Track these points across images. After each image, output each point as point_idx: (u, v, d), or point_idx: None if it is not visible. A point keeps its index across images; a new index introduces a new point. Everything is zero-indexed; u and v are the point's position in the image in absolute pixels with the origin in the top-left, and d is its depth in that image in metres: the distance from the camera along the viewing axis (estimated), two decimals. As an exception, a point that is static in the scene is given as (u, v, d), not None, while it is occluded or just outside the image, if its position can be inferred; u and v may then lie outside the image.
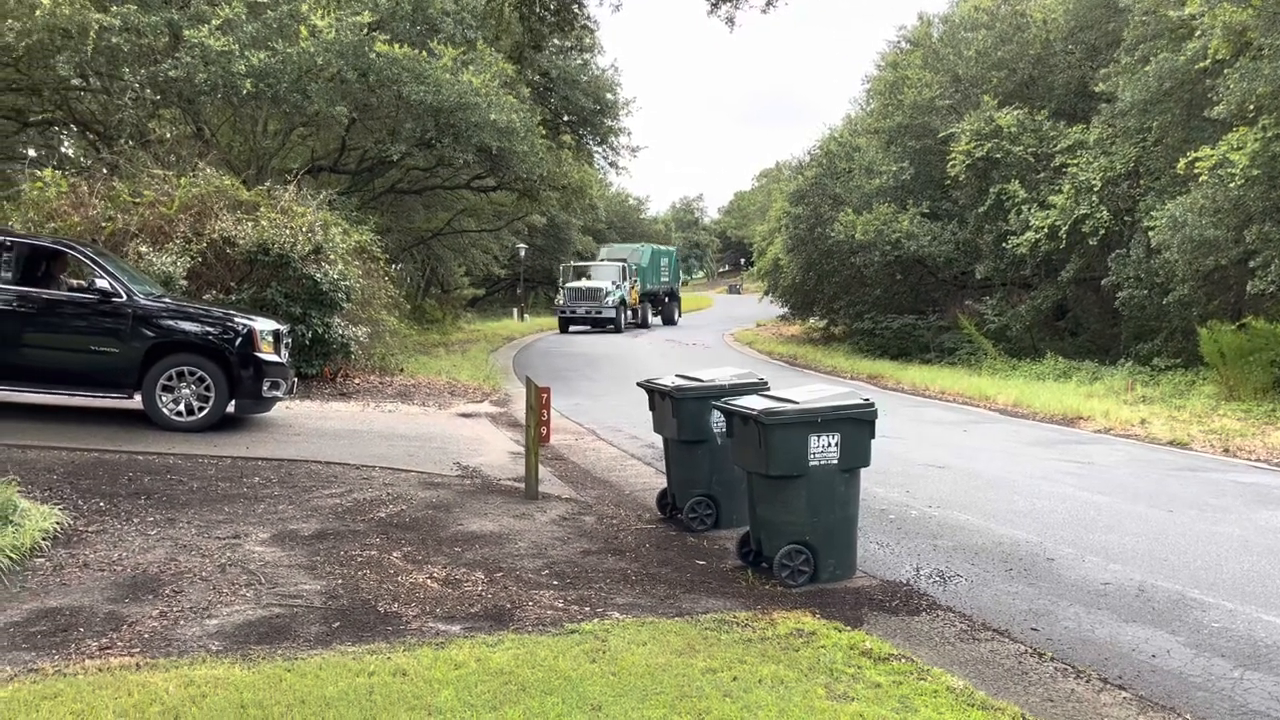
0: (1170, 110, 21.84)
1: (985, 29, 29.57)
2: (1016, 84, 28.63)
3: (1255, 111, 18.28)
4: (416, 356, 20.70)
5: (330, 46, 17.29)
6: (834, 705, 4.45)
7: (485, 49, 20.74)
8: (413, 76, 18.36)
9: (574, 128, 29.50)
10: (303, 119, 19.63)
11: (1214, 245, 18.87)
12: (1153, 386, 19.30)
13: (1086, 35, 27.29)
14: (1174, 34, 21.48)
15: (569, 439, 12.51)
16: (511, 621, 5.50)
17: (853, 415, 6.61)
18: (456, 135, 19.84)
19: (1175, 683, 5.00)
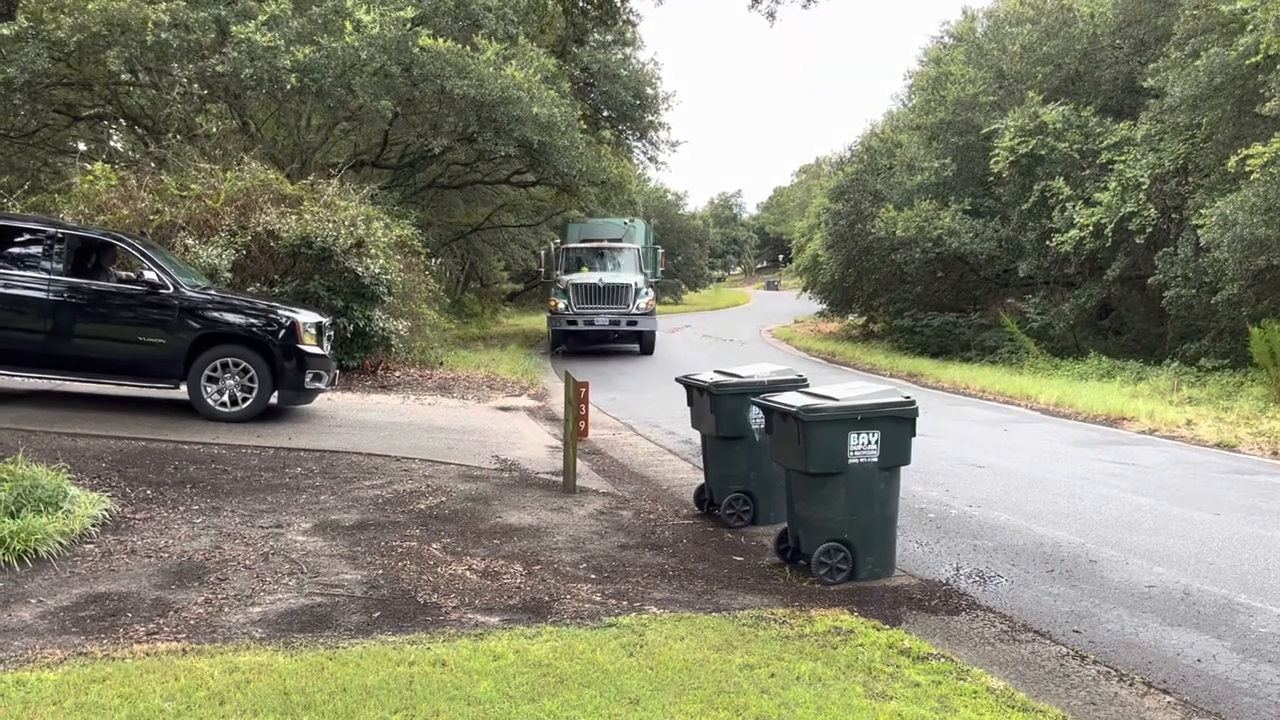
0: (1221, 106, 21.42)
1: (1030, 24, 29.19)
2: (1062, 79, 28.23)
3: (1309, 107, 17.88)
4: (456, 350, 20.84)
5: (374, 41, 17.42)
6: (872, 704, 4.43)
7: (527, 43, 20.79)
8: (455, 71, 18.44)
9: (614, 122, 29.50)
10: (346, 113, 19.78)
11: (1265, 244, 18.49)
12: (1199, 387, 18.97)
13: (1135, 29, 26.85)
14: (1225, 28, 21.06)
15: (606, 434, 12.54)
16: (549, 614, 5.53)
17: (893, 413, 6.57)
18: (498, 129, 19.90)
19: (1221, 688, 4.91)
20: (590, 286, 24.19)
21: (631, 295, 24.16)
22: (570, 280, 24.46)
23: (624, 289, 24.20)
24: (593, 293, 24.16)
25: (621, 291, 24.19)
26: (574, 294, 24.17)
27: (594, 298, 24.07)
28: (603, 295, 24.12)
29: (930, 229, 28.11)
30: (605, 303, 24.02)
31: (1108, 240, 23.19)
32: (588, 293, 24.18)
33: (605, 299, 24.09)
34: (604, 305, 24.00)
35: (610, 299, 24.10)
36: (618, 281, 24.33)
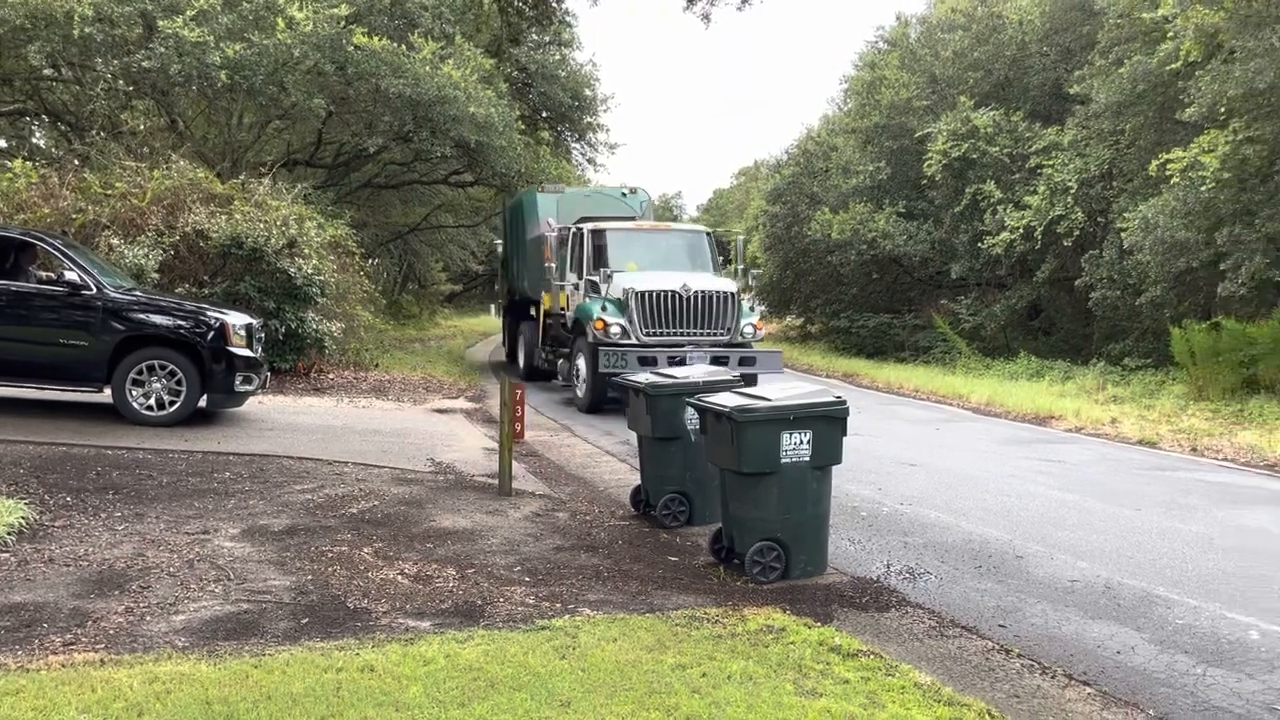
0: (1143, 112, 22.04)
1: (962, 30, 29.75)
2: (993, 85, 28.81)
3: (1226, 114, 18.47)
4: (392, 352, 20.62)
5: (307, 39, 17.17)
6: (802, 701, 4.47)
7: (464, 43, 20.65)
8: (391, 70, 18.26)
9: (552, 123, 29.41)
10: (279, 112, 19.49)
11: (1185, 247, 19.06)
12: (1123, 386, 19.48)
13: (1062, 37, 27.50)
14: (1147, 36, 21.67)
15: (544, 435, 12.50)
16: (482, 618, 5.49)
17: (825, 413, 6.64)
18: (434, 129, 19.76)
19: (1139, 679, 5.05)
20: (667, 297, 14.40)
21: (732, 312, 14.59)
22: (629, 286, 14.46)
23: (721, 302, 14.55)
24: (672, 307, 14.39)
25: (718, 306, 14.55)
26: (640, 308, 14.33)
27: (674, 316, 14.41)
28: (690, 312, 14.44)
29: (865, 231, 28.51)
30: (694, 325, 14.47)
31: (1037, 243, 23.72)
32: (663, 307, 14.39)
33: (694, 318, 14.49)
34: (693, 329, 14.46)
35: (702, 318, 14.50)
36: (710, 288, 14.59)
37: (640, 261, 15.45)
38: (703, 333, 14.53)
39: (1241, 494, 9.96)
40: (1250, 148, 17.92)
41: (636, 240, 16.12)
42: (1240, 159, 17.94)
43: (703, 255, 16.32)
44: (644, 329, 14.36)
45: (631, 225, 16.72)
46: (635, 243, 16.01)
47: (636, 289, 14.49)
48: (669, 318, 14.46)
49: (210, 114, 20.99)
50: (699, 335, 14.50)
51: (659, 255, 15.92)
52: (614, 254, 15.59)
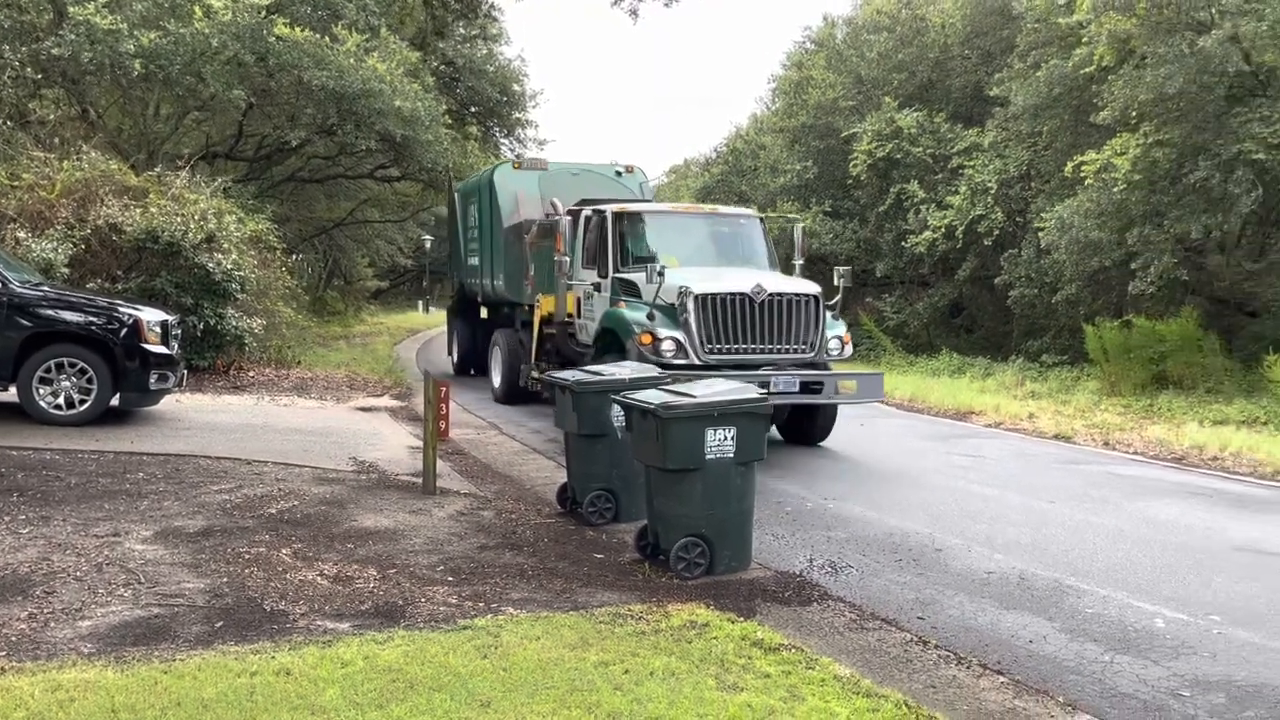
0: (1060, 115, 22.64)
1: (887, 32, 30.24)
2: (916, 86, 29.34)
3: (1137, 118, 19.07)
4: (315, 349, 20.26)
5: (226, 28, 16.77)
6: (723, 696, 4.49)
7: (389, 35, 20.35)
8: (314, 61, 17.91)
9: (480, 119, 29.16)
10: (197, 103, 19.00)
11: (1098, 247, 19.64)
12: (1041, 382, 20.00)
13: (982, 41, 28.12)
14: (1063, 41, 22.26)
15: (471, 433, 12.39)
16: (403, 618, 5.42)
17: (748, 409, 6.69)
18: (359, 122, 19.44)
19: (1050, 667, 5.18)
20: (736, 302, 10.84)
21: (816, 321, 11.16)
22: (685, 287, 10.84)
23: (803, 309, 11.09)
24: (742, 316, 10.86)
25: (800, 314, 11.07)
26: (702, 318, 10.79)
27: (745, 327, 10.87)
28: (764, 322, 10.92)
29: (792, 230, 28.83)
30: (769, 339, 10.95)
31: (959, 242, 24.24)
32: (731, 315, 10.84)
33: (769, 330, 10.94)
34: (768, 344, 10.96)
35: (779, 330, 10.98)
36: (790, 291, 11.14)
37: (681, 255, 11.71)
38: (780, 348, 10.85)
39: (1150, 486, 10.28)
40: (1160, 151, 18.53)
41: (675, 227, 12.66)
42: (1150, 161, 18.54)
43: (757, 247, 12.76)
44: (706, 344, 10.63)
45: (668, 208, 13.75)
46: (673, 231, 12.56)
47: (695, 291, 10.61)
48: (738, 330, 10.71)
49: (125, 104, 20.39)
50: (775, 352, 10.86)
51: (703, 247, 12.36)
52: (648, 244, 12.06)
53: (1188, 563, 7.19)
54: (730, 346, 10.86)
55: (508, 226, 15.44)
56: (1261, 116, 17.43)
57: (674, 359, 10.46)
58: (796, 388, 10.72)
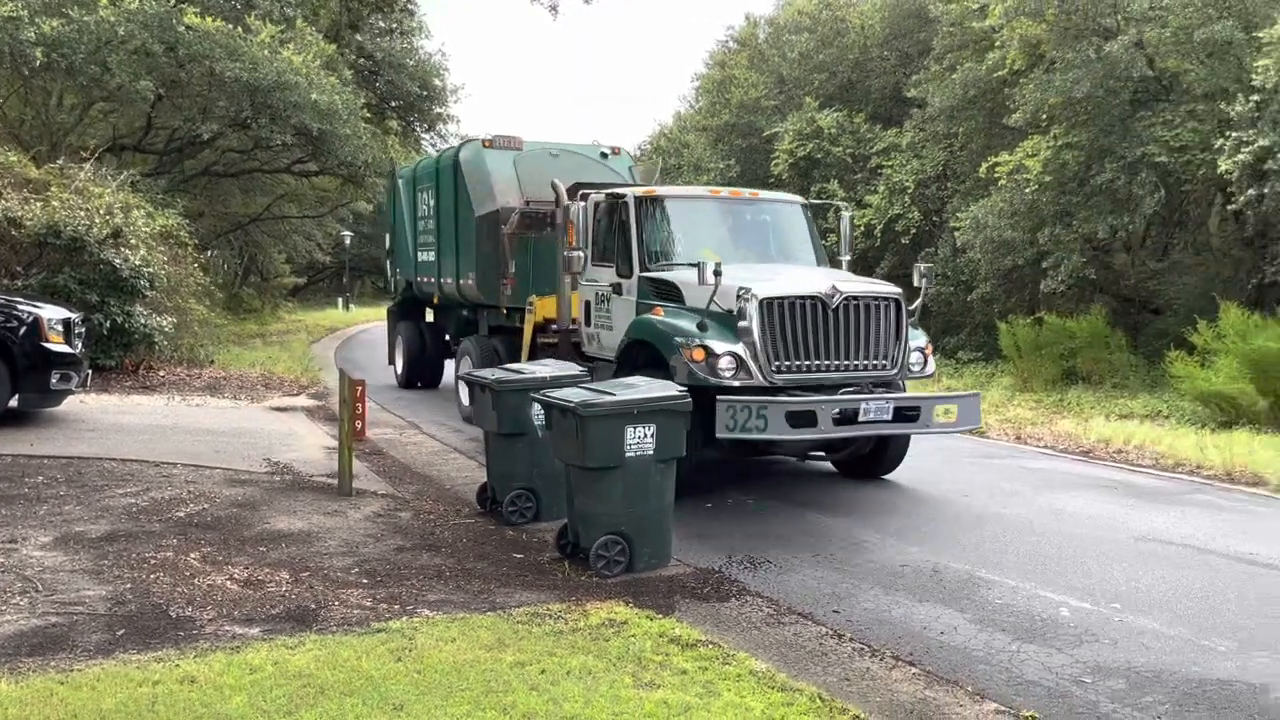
0: (974, 117, 23.17)
1: (808, 32, 30.58)
2: (837, 87, 29.74)
3: (1047, 121, 19.63)
4: (230, 348, 19.76)
5: (133, 16, 16.27)
6: (639, 693, 4.49)
7: (305, 27, 19.94)
8: (226, 52, 17.48)
9: (401, 113, 28.74)
10: (103, 93, 18.38)
11: (1011, 246, 20.15)
12: (958, 379, 20.45)
13: (900, 43, 28.61)
14: (977, 45, 22.79)
15: (390, 433, 12.20)
16: (315, 622, 5.31)
17: (668, 407, 6.71)
18: (274, 115, 19.00)
19: (960, 657, 5.29)
20: (807, 308, 8.68)
21: (898, 330, 9.09)
22: (747, 289, 8.54)
23: (882, 314, 9.01)
24: (814, 324, 8.71)
25: (880, 321, 9.00)
26: (769, 327, 8.56)
27: (818, 338, 8.71)
28: (839, 331, 8.78)
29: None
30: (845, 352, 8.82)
31: (877, 240, 24.66)
32: (803, 324, 8.67)
33: (845, 342, 8.81)
34: (844, 359, 8.83)
35: (856, 341, 8.86)
36: (868, 293, 9.10)
37: (718, 249, 9.66)
38: (856, 364, 8.77)
39: (1058, 479, 10.57)
40: (1069, 153, 19.10)
41: (710, 216, 10.44)
42: (1060, 163, 19.09)
43: (804, 240, 10.75)
44: (773, 360, 8.46)
45: (703, 192, 11.28)
46: (708, 220, 10.38)
47: (759, 294, 8.44)
48: (810, 341, 8.58)
49: (26, 94, 19.63)
50: (851, 368, 8.76)
51: (744, 240, 10.36)
52: (680, 237, 10.01)
53: (1092, 553, 7.41)
54: (801, 363, 8.56)
55: (480, 216, 12.92)
56: (1164, 120, 18.07)
57: (733, 378, 8.31)
58: (890, 415, 8.48)
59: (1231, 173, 15.70)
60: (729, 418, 7.98)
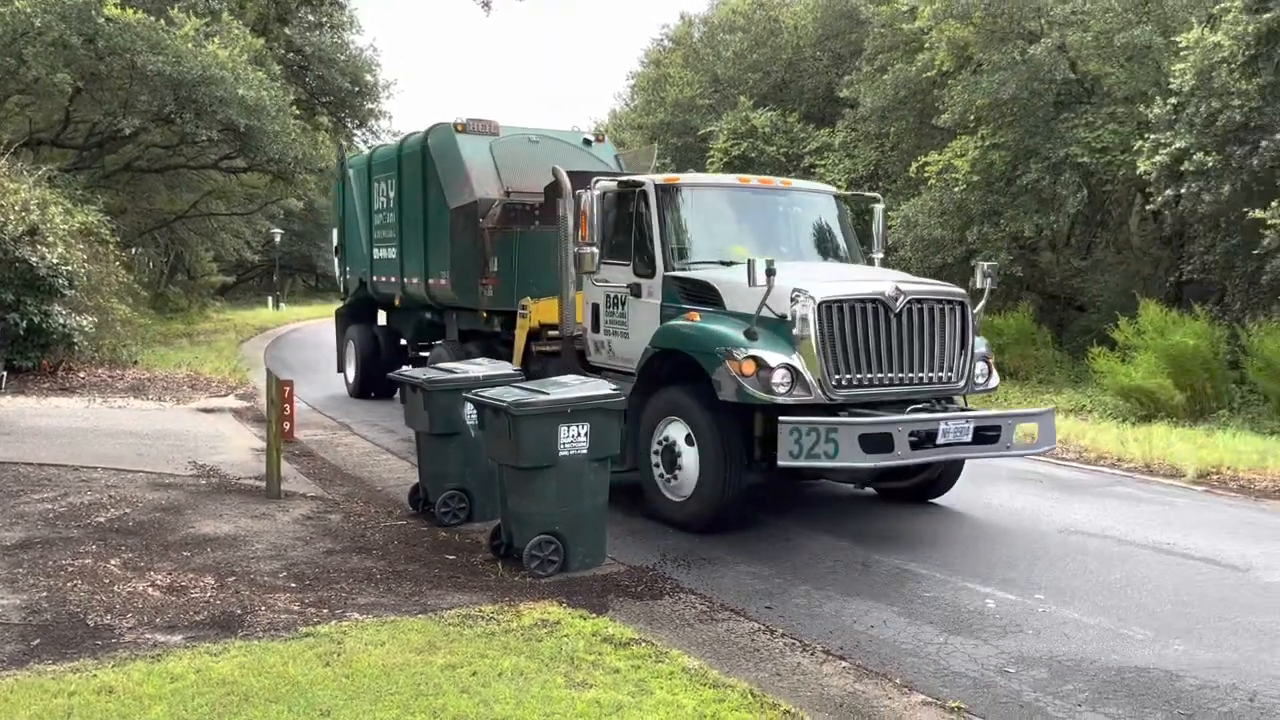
0: (905, 117, 23.51)
1: (742, 32, 30.78)
2: (771, 86, 29.97)
3: (975, 122, 20.01)
4: (155, 348, 19.27)
5: (50, 7, 15.77)
6: (571, 693, 4.48)
7: (231, 20, 19.52)
8: (149, 45, 17.02)
9: (332, 109, 28.28)
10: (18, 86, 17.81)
11: (940, 244, 20.51)
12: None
13: (833, 43, 28.93)
14: (908, 46, 23.13)
15: (320, 434, 12.01)
16: (241, 628, 5.20)
17: (602, 405, 6.70)
18: (200, 111, 18.57)
19: (889, 650, 5.37)
20: (869, 312, 7.56)
21: (959, 334, 7.92)
22: (803, 290, 7.44)
23: (947, 319, 7.87)
24: (876, 331, 7.57)
25: (946, 327, 7.86)
26: (829, 335, 7.42)
27: (880, 347, 7.58)
28: (902, 339, 7.66)
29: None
30: (908, 364, 7.70)
31: (810, 239, 24.89)
32: (864, 330, 7.54)
33: (909, 351, 7.69)
34: (907, 371, 7.70)
35: (921, 350, 7.74)
36: (931, 294, 7.93)
37: (748, 244, 8.73)
38: (921, 375, 7.72)
39: (986, 473, 10.75)
40: (996, 153, 19.49)
41: (739, 208, 9.27)
42: (988, 163, 19.47)
43: (840, 235, 9.63)
44: (834, 372, 7.39)
45: (731, 180, 9.75)
46: (737, 212, 9.23)
47: (817, 296, 7.40)
48: (872, 351, 7.54)
49: (-63, 86, 18.92)
50: (914, 381, 7.70)
51: (776, 235, 9.24)
52: (707, 230, 8.86)
53: (1018, 545, 7.57)
54: (862, 375, 7.48)
55: (455, 208, 11.62)
56: (1086, 122, 18.53)
57: (788, 394, 7.22)
58: (969, 436, 7.44)
59: (1150, 174, 16.14)
60: (793, 442, 7.00)
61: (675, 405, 7.89)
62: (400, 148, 13.35)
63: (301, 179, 25.77)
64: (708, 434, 7.56)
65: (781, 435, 7.05)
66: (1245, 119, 14.67)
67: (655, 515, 8.04)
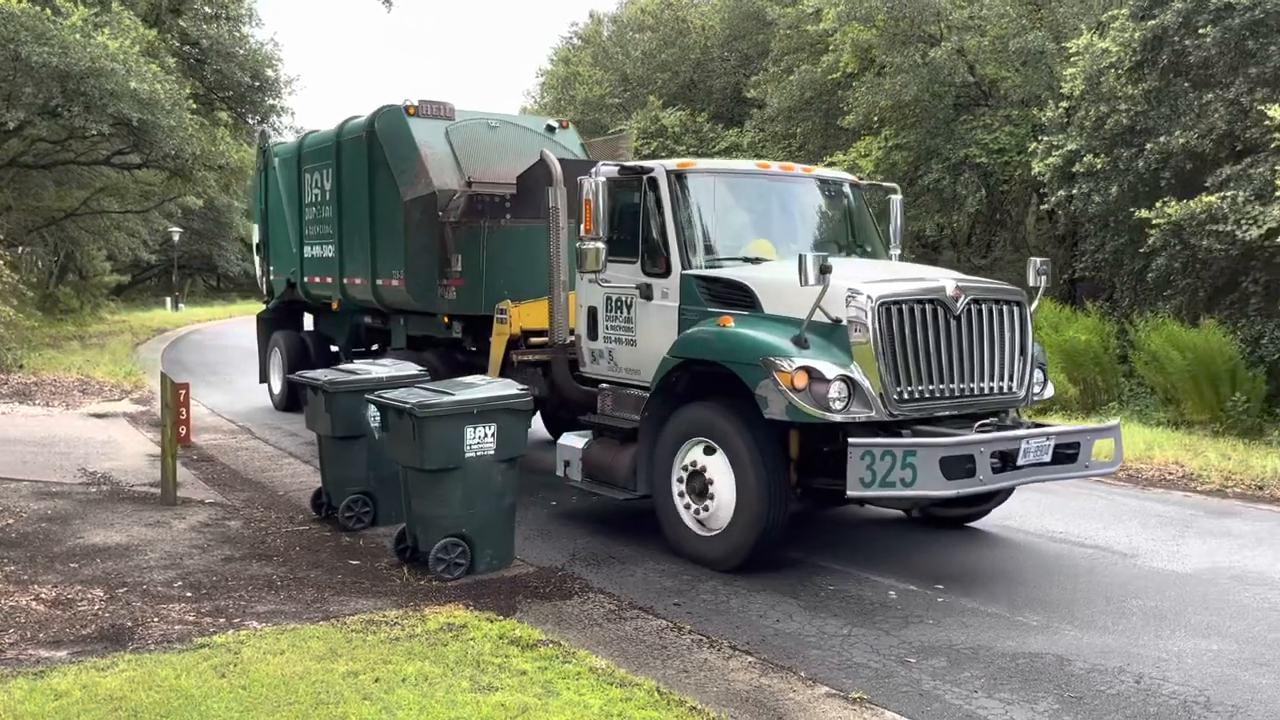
0: (811, 118, 23.93)
1: (651, 31, 30.93)
2: (680, 86, 30.18)
3: (879, 123, 20.46)
4: (43, 351, 18.51)
5: (-76, -6, 14.98)
6: (477, 697, 4.43)
7: (122, 10, 18.80)
8: (33, 35, 16.28)
9: (231, 104, 27.46)
10: (-109, 77, 16.87)
11: (846, 243, 20.90)
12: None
13: (740, 44, 29.29)
14: (813, 48, 23.55)
15: (220, 438, 11.67)
16: (131, 641, 5.02)
17: (509, 406, 6.65)
18: (89, 104, 17.81)
19: (794, 644, 5.44)
20: (929, 314, 6.63)
21: (1019, 338, 7.02)
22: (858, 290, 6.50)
23: (1004, 319, 6.97)
24: (938, 335, 6.64)
25: (1002, 328, 6.95)
26: (890, 340, 6.48)
27: (943, 354, 6.66)
28: (962, 343, 6.73)
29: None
30: (971, 373, 6.78)
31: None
32: (924, 331, 6.60)
33: (969, 357, 6.77)
34: (970, 381, 6.77)
35: (980, 356, 6.83)
36: (989, 292, 7.05)
37: (774, 239, 7.88)
38: (983, 385, 6.83)
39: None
40: (899, 154, 19.98)
41: (761, 198, 8.22)
42: (891, 163, 19.93)
43: (866, 228, 8.67)
44: (896, 383, 6.47)
45: (750, 166, 8.52)
46: (759, 202, 8.21)
47: (874, 295, 6.50)
48: (934, 358, 6.63)
49: None
50: (976, 391, 6.81)
51: (801, 228, 8.35)
52: (727, 223, 7.90)
53: (920, 537, 7.74)
54: (925, 387, 6.56)
55: (410, 200, 10.43)
56: (984, 124, 19.11)
57: (845, 410, 6.28)
58: (1049, 456, 6.61)
59: (1044, 175, 16.71)
60: (865, 468, 6.08)
61: (705, 424, 6.81)
62: (339, 134, 11.98)
63: (201, 176, 24.93)
64: (748, 458, 6.48)
65: (851, 460, 6.11)
66: (1131, 122, 15.29)
67: (677, 551, 7.03)
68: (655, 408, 7.16)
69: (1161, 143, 14.61)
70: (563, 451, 7.89)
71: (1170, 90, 15.18)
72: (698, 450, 6.85)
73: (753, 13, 28.18)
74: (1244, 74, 13.82)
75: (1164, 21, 14.43)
